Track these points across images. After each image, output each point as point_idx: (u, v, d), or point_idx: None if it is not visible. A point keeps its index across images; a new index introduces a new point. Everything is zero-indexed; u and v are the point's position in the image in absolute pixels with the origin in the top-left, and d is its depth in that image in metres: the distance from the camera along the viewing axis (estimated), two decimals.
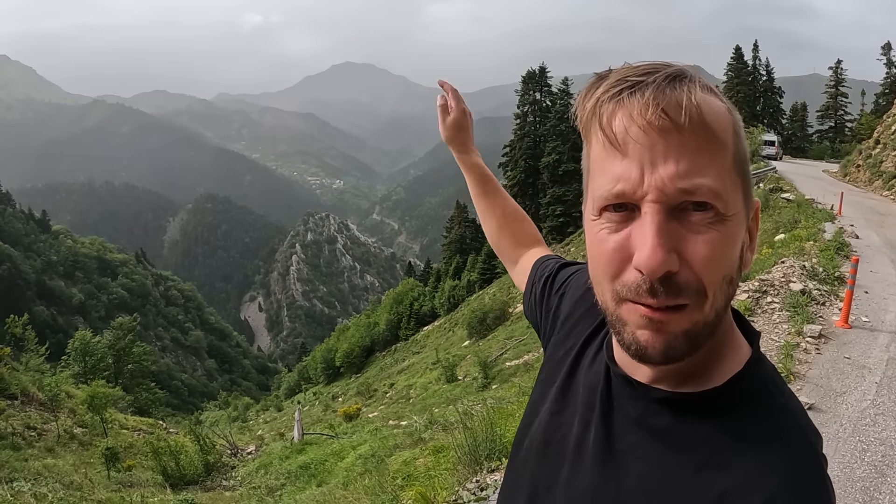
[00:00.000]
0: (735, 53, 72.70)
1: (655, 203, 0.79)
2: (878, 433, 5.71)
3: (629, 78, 0.82)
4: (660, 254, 0.78)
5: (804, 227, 16.13)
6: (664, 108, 0.78)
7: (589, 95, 0.87)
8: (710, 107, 0.81)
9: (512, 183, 68.97)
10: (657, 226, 0.78)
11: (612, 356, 1.03)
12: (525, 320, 33.11)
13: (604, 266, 0.86)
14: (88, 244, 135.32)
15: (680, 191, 0.78)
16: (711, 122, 0.81)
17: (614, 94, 0.82)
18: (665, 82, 0.80)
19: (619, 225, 0.83)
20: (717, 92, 0.86)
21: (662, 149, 0.79)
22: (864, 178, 33.65)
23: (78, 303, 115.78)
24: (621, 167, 0.81)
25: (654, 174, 0.79)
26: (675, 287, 0.80)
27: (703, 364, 0.92)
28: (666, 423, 0.92)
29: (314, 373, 74.34)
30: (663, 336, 0.83)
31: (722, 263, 0.82)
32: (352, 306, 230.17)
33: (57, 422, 19.22)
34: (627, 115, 0.81)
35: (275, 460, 16.83)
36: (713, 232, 0.80)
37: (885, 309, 10.05)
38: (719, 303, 0.84)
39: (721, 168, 0.82)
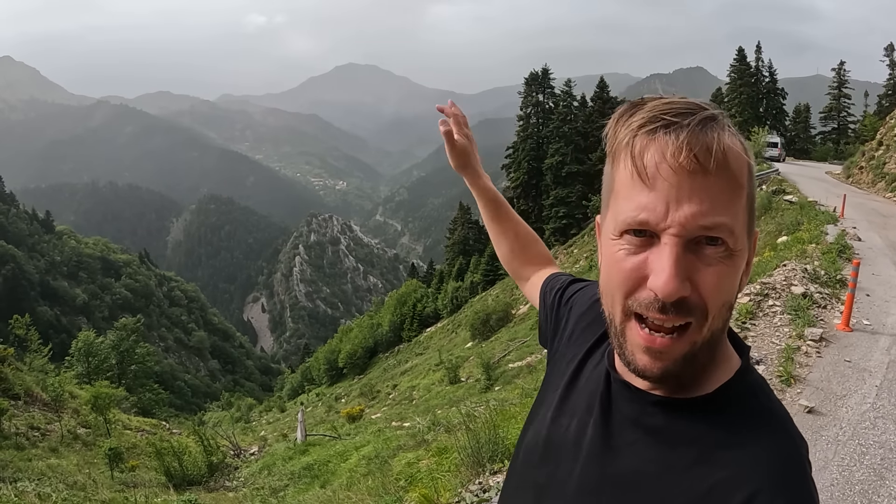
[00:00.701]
0: (738, 55, 72.49)
1: (676, 237, 0.87)
2: (877, 436, 5.73)
3: (664, 117, 0.89)
4: (675, 283, 0.86)
5: (806, 229, 16.12)
6: (696, 153, 0.85)
7: (623, 122, 0.94)
8: (733, 152, 0.89)
9: (515, 184, 69.07)
10: (675, 258, 0.87)
11: (612, 363, 1.10)
12: (528, 322, 33.30)
13: (620, 282, 0.93)
14: (92, 244, 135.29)
15: (700, 227, 0.86)
16: (733, 167, 0.89)
17: (650, 131, 0.89)
18: (699, 128, 0.87)
19: (638, 248, 0.91)
20: (738, 135, 0.92)
21: (688, 189, 0.86)
22: (867, 180, 33.63)
23: (81, 303, 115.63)
24: (648, 199, 0.88)
25: (678, 211, 0.86)
26: (684, 308, 0.89)
27: (697, 375, 0.99)
28: (660, 422, 1.00)
29: (317, 374, 74.46)
30: (661, 363, 0.93)
31: (725, 291, 0.91)
32: (355, 307, 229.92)
33: (60, 422, 19.27)
34: (660, 152, 0.88)
35: (278, 461, 16.85)
36: (722, 265, 0.89)
37: (886, 312, 10.04)
38: (717, 325, 0.93)
39: (737, 207, 0.90)
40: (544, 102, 69.48)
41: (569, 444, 1.13)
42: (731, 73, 72.92)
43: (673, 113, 0.89)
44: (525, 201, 68.30)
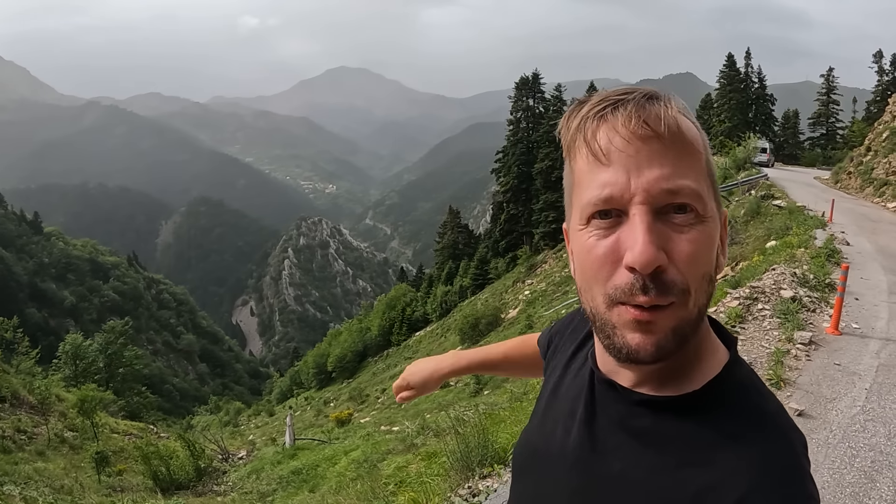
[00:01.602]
0: (728, 61, 72.97)
1: (643, 204, 0.85)
2: (867, 439, 5.74)
3: (610, 97, 0.90)
4: (651, 249, 0.83)
5: (795, 233, 16.16)
6: (645, 119, 0.86)
7: (573, 116, 0.94)
8: (684, 121, 0.89)
9: (505, 188, 69.24)
10: (647, 224, 0.84)
11: (595, 362, 1.07)
12: (517, 325, 33.32)
13: (595, 271, 0.90)
14: (81, 246, 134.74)
15: (665, 191, 0.85)
16: (686, 132, 0.89)
17: (598, 112, 0.90)
18: (644, 99, 0.88)
19: (607, 231, 0.88)
20: (686, 112, 0.92)
21: (646, 155, 0.86)
22: (856, 185, 33.79)
23: (70, 305, 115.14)
24: (608, 174, 0.87)
25: (640, 177, 0.85)
26: (664, 285, 0.85)
27: (682, 367, 0.97)
28: (646, 424, 0.96)
29: (306, 378, 74.42)
30: (653, 337, 0.88)
31: (703, 261, 0.88)
32: (344, 311, 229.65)
33: (47, 425, 19.15)
34: (611, 128, 0.88)
35: (266, 465, 16.82)
36: (694, 231, 0.87)
37: (875, 316, 10.08)
38: (701, 300, 0.90)
39: (698, 173, 0.89)
40: (534, 107, 69.67)
41: (555, 450, 1.10)
42: (721, 78, 73.36)
43: (618, 93, 0.90)
44: (515, 205, 68.45)
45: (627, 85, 0.85)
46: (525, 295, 46.29)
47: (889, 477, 5.06)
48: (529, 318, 32.59)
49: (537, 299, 41.33)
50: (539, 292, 43.84)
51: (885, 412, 6.38)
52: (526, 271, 55.66)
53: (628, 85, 0.85)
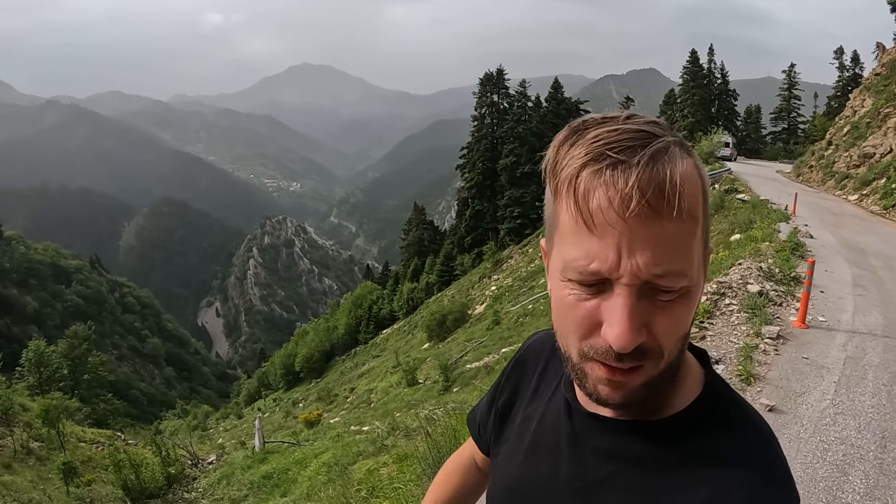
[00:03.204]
0: (691, 57, 73.97)
1: (629, 286, 0.80)
2: (838, 432, 5.78)
3: (610, 149, 0.80)
4: (630, 334, 0.80)
5: (759, 227, 16.31)
6: (648, 198, 0.77)
7: (564, 154, 0.85)
8: (687, 183, 0.81)
9: (470, 185, 69.32)
10: (630, 308, 0.80)
11: (573, 395, 1.06)
12: (484, 322, 33.33)
13: (573, 328, 0.87)
14: (42, 251, 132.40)
15: (654, 276, 0.80)
16: (688, 202, 0.81)
17: (595, 171, 0.80)
18: (649, 166, 0.78)
19: (589, 295, 0.84)
20: (690, 154, 0.86)
21: (642, 237, 0.79)
22: (817, 179, 34.31)
23: (32, 311, 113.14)
24: (598, 247, 0.81)
25: (630, 259, 0.79)
26: (640, 354, 0.83)
27: (663, 392, 0.95)
28: (638, 449, 0.95)
29: (274, 378, 73.99)
30: (622, 391, 0.88)
31: (681, 327, 0.86)
32: (311, 310, 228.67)
33: (12, 436, 18.75)
34: (607, 197, 0.79)
35: (237, 470, 16.63)
36: (679, 306, 0.84)
37: (841, 308, 10.21)
38: (673, 357, 0.88)
39: (693, 247, 0.84)
40: (499, 103, 69.80)
41: (544, 486, 1.07)
42: (684, 74, 74.28)
43: (619, 148, 0.80)
44: (480, 202, 68.56)
45: (592, 81, 0.79)
46: (492, 290, 46.33)
47: (861, 470, 5.10)
48: (496, 314, 32.57)
49: (504, 294, 41.36)
50: (505, 288, 43.87)
51: (854, 405, 6.44)
52: (492, 267, 55.70)
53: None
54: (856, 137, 32.39)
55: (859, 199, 27.26)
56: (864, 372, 7.42)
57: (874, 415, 6.19)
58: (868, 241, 17.33)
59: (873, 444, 5.54)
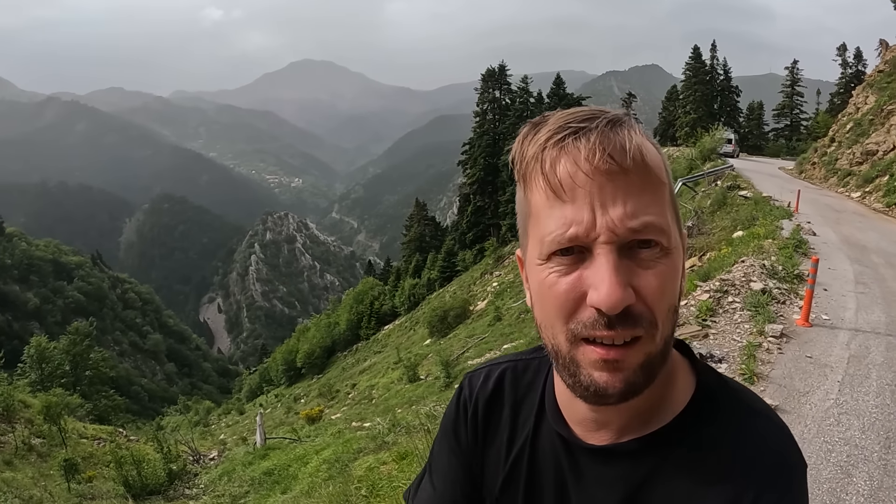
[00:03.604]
0: (693, 53, 73.93)
1: (608, 244, 0.80)
2: (842, 433, 5.76)
3: (570, 124, 0.84)
4: (618, 291, 0.79)
5: (762, 224, 16.28)
6: (610, 152, 0.80)
7: (528, 141, 0.88)
8: (648, 148, 0.84)
9: (471, 181, 69.18)
10: (613, 265, 0.80)
11: (568, 431, 1.02)
12: (486, 318, 33.25)
13: (557, 308, 0.85)
14: (43, 247, 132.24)
15: (630, 230, 0.80)
16: (651, 163, 0.84)
17: (557, 141, 0.83)
18: (608, 127, 0.82)
19: (569, 267, 0.83)
20: (648, 136, 0.87)
21: (611, 191, 0.80)
22: (820, 175, 34.24)
23: (33, 308, 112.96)
24: (571, 211, 0.81)
25: (605, 216, 0.80)
26: (630, 319, 0.81)
27: (659, 394, 0.94)
28: (647, 468, 0.94)
29: (275, 374, 73.98)
30: (621, 374, 0.84)
31: (669, 293, 0.85)
32: (312, 306, 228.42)
33: (14, 433, 18.73)
34: (572, 160, 0.82)
35: (238, 467, 16.62)
36: (661, 265, 0.83)
37: (843, 306, 10.17)
38: (667, 331, 0.86)
39: (663, 205, 0.85)
40: (501, 99, 69.63)
41: None
42: (687, 70, 74.32)
43: (578, 119, 0.85)
44: (481, 198, 68.44)
45: (594, 77, 0.80)
46: (493, 287, 46.29)
47: (865, 471, 5.07)
48: (498, 310, 32.58)
49: (505, 291, 41.33)
50: (507, 284, 43.84)
51: (858, 405, 6.42)
52: (493, 263, 55.68)
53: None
54: (858, 134, 32.31)
55: (862, 197, 27.20)
56: (867, 371, 7.39)
57: (878, 415, 6.16)
58: (870, 239, 17.28)
59: (877, 445, 5.52)
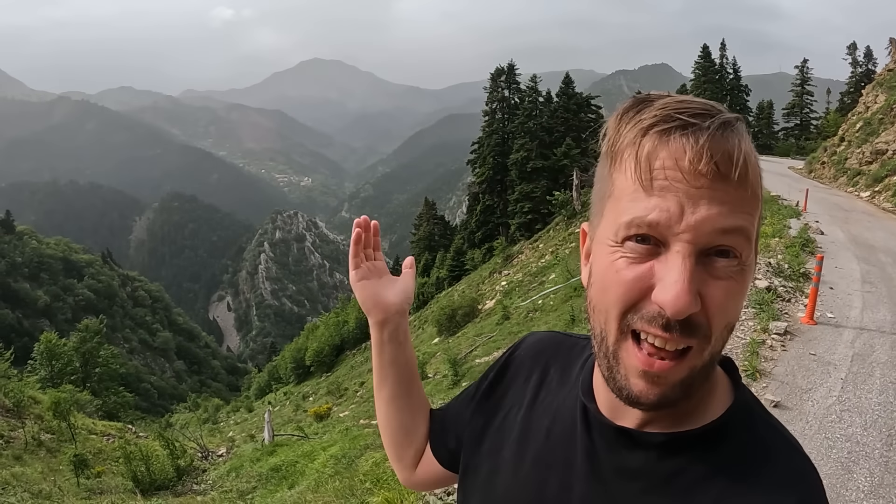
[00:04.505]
0: (703, 52, 73.53)
1: (690, 244, 0.76)
2: (843, 430, 5.78)
3: (680, 116, 0.78)
4: (688, 298, 0.75)
5: (770, 223, 16.29)
6: (717, 160, 0.75)
7: (628, 119, 0.83)
8: (752, 161, 0.79)
9: (480, 180, 69.13)
10: (690, 269, 0.76)
11: (595, 406, 0.99)
12: (494, 317, 33.27)
13: (619, 295, 0.81)
14: (54, 245, 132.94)
15: (717, 230, 0.76)
16: (752, 177, 0.79)
17: (662, 131, 0.79)
18: (719, 132, 0.77)
19: (643, 257, 0.80)
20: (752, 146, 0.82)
21: (707, 194, 0.76)
22: (829, 175, 34.15)
23: (43, 305, 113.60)
24: (658, 200, 0.77)
25: (695, 213, 0.76)
26: (688, 328, 0.78)
27: (694, 405, 0.91)
28: (671, 466, 0.89)
29: (284, 372, 73.99)
30: (659, 389, 0.81)
31: (731, 311, 0.81)
32: (321, 304, 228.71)
33: (24, 428, 18.86)
34: (672, 157, 0.77)
35: (246, 463, 16.72)
36: (732, 281, 0.79)
37: (849, 305, 10.17)
38: (717, 348, 0.82)
39: (754, 220, 0.80)
40: (510, 98, 69.51)
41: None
42: (696, 69, 74.01)
43: (689, 113, 0.79)
44: (490, 196, 68.43)
45: (603, 76, 0.77)
46: (502, 286, 46.24)
47: (866, 468, 5.10)
48: (506, 309, 32.53)
49: (514, 290, 41.29)
50: (516, 283, 43.81)
51: (861, 402, 6.44)
52: (502, 262, 55.61)
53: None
54: (868, 134, 32.22)
55: (871, 196, 27.12)
56: (871, 369, 7.40)
57: (881, 412, 6.18)
58: (878, 238, 17.25)
59: (879, 442, 5.54)
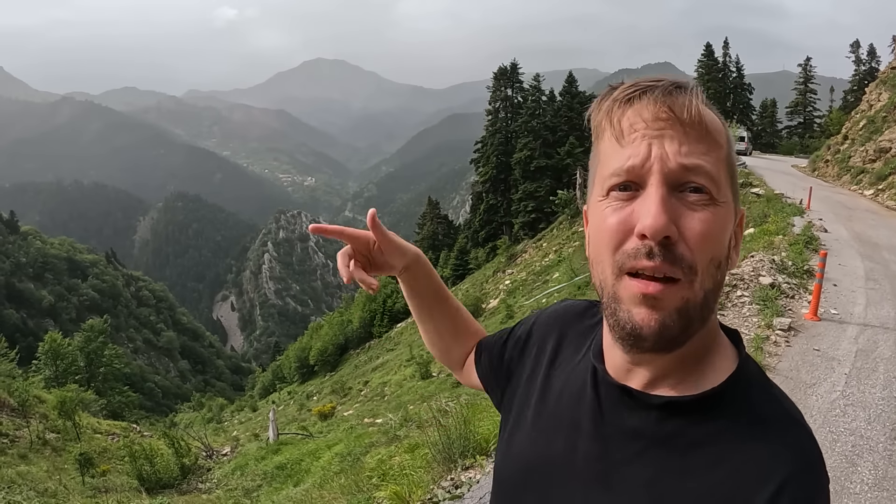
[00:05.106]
0: (706, 50, 73.46)
1: (659, 174, 0.87)
2: (847, 424, 5.81)
3: (640, 84, 0.93)
4: (663, 218, 0.84)
5: (773, 221, 16.30)
6: (670, 105, 0.88)
7: (603, 100, 0.96)
8: (708, 114, 0.92)
9: (484, 179, 69.27)
10: (661, 195, 0.86)
11: (603, 367, 1.04)
12: (498, 315, 33.26)
13: (607, 240, 0.91)
14: (58, 245, 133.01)
15: (682, 166, 0.87)
16: (710, 124, 0.91)
17: (626, 96, 0.92)
18: (672, 87, 0.91)
19: (625, 203, 0.90)
20: (711, 107, 0.95)
21: (670, 133, 0.88)
22: (833, 173, 34.10)
23: (48, 305, 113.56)
24: (630, 149, 0.90)
25: (659, 150, 0.88)
26: (670, 255, 0.86)
27: (697, 363, 0.97)
28: (669, 427, 0.94)
29: (288, 372, 74.05)
30: (658, 314, 0.88)
31: (712, 243, 0.89)
32: (325, 304, 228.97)
33: (29, 428, 18.94)
34: (637, 112, 0.91)
35: (250, 461, 16.79)
36: (706, 212, 0.88)
37: (853, 301, 10.20)
38: (707, 284, 0.89)
39: (717, 160, 0.91)
40: (513, 97, 69.65)
41: (560, 466, 1.04)
42: (699, 68, 73.79)
43: (648, 81, 0.93)
44: (494, 196, 68.52)
45: (606, 75, 0.87)
46: (505, 285, 46.34)
47: (870, 461, 5.13)
48: (510, 308, 32.60)
49: (518, 289, 41.41)
50: (519, 282, 43.91)
51: (865, 397, 6.46)
52: (506, 261, 55.71)
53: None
54: (872, 132, 32.16)
55: (875, 194, 27.09)
56: (875, 364, 7.43)
57: (884, 406, 6.21)
58: (882, 236, 17.25)
59: (882, 436, 5.57)
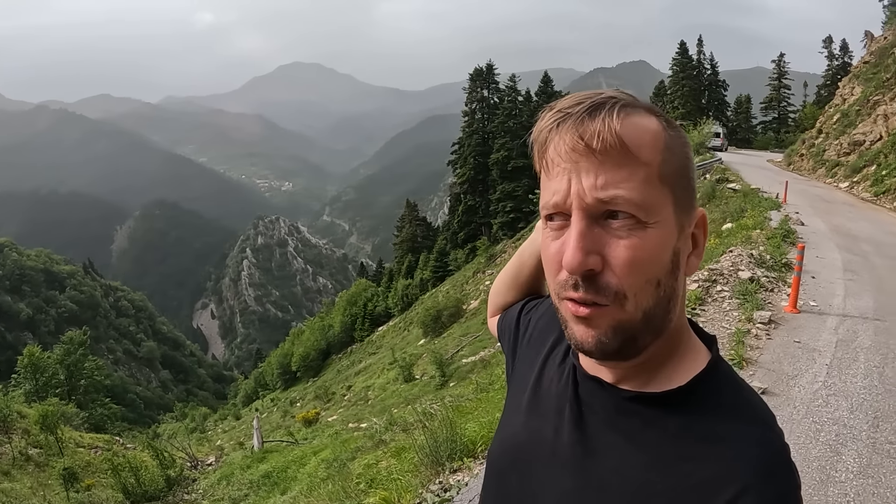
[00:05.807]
0: (680, 48, 73.94)
1: (578, 210, 0.90)
2: (830, 413, 5.87)
3: (562, 110, 0.94)
4: (579, 255, 0.88)
5: (751, 216, 16.42)
6: (581, 134, 0.89)
7: (537, 127, 0.98)
8: (631, 129, 0.91)
9: (462, 180, 69.40)
10: (578, 230, 0.89)
11: (577, 358, 1.11)
12: (479, 317, 33.29)
13: (548, 268, 0.97)
14: (34, 256, 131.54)
15: (597, 200, 0.88)
16: (629, 144, 0.90)
17: (551, 126, 0.94)
18: (586, 113, 0.91)
19: (558, 232, 0.94)
20: (653, 112, 0.96)
21: (585, 166, 0.89)
22: (808, 167, 34.44)
23: (26, 318, 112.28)
24: (556, 184, 0.92)
25: (577, 185, 0.89)
26: (594, 286, 0.90)
27: (663, 365, 1.00)
28: (637, 421, 0.98)
29: (271, 379, 73.81)
30: (594, 331, 0.92)
31: (642, 267, 0.90)
32: (305, 309, 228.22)
33: (11, 443, 18.72)
34: (557, 142, 0.92)
35: (236, 470, 16.68)
36: (633, 238, 0.89)
37: (832, 293, 10.30)
38: (645, 304, 0.92)
39: (640, 182, 0.90)
40: (489, 98, 69.77)
41: (544, 450, 1.09)
42: (674, 66, 74.28)
43: (568, 105, 0.93)
44: (472, 196, 68.63)
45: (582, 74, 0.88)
46: (486, 285, 46.27)
47: (854, 449, 5.17)
48: None
49: None
50: None
51: (846, 386, 6.53)
52: (486, 262, 55.69)
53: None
54: (846, 125, 32.53)
55: (850, 187, 27.39)
56: (855, 354, 7.51)
57: (866, 395, 6.28)
58: (859, 228, 17.45)
59: (865, 424, 5.62)
